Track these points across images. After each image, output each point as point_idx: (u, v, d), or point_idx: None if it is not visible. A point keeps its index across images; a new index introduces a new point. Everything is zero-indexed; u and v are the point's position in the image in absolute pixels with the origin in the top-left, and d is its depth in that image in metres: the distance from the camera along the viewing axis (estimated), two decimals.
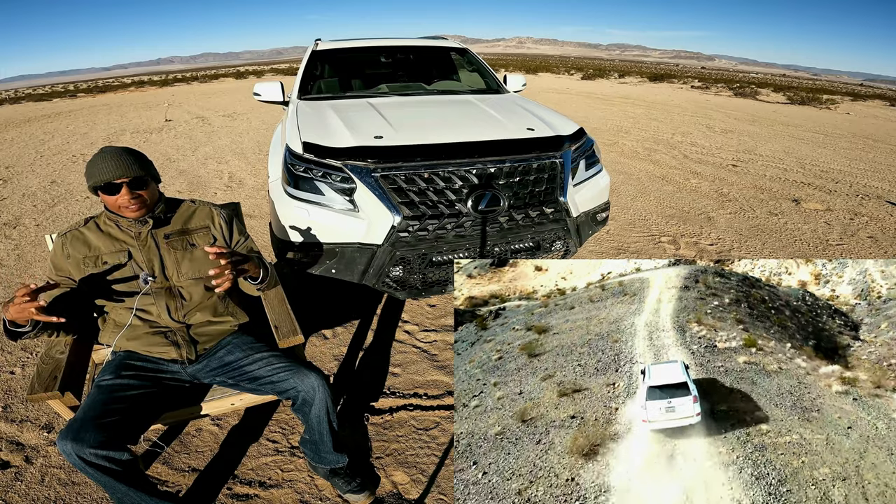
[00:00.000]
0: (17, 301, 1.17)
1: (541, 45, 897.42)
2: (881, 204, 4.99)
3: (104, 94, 24.74)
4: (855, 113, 15.09)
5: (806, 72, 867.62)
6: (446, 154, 2.11)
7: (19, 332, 1.29)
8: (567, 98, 15.79)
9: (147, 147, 7.84)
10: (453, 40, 4.28)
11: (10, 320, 1.25)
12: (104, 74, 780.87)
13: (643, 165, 6.37)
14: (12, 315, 1.20)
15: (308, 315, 2.66)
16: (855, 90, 34.39)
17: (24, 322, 1.25)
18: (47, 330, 1.36)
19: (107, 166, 1.38)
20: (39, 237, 4.05)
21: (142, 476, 1.35)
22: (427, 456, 1.80)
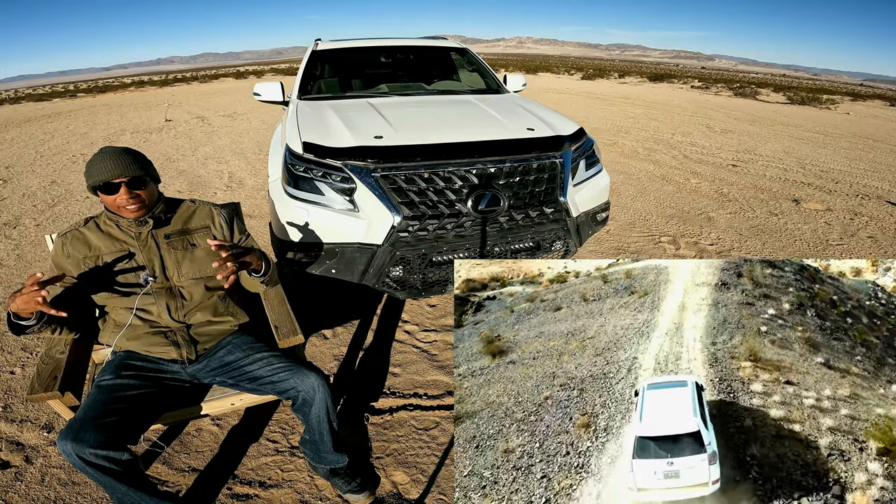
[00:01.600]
0: (26, 291, 1.18)
1: (541, 45, 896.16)
2: (881, 204, 4.99)
3: (104, 94, 24.74)
4: (855, 113, 15.09)
5: (806, 72, 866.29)
6: (446, 154, 2.11)
7: (23, 325, 1.29)
8: (567, 98, 15.79)
9: (147, 147, 7.84)
10: (453, 40, 4.28)
11: (14, 312, 1.25)
12: (104, 74, 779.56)
13: (643, 165, 6.37)
14: (18, 306, 1.20)
15: (308, 315, 2.66)
16: (855, 90, 34.39)
17: (28, 315, 1.26)
18: (51, 325, 1.36)
19: (106, 166, 1.38)
20: (39, 237, 4.04)
21: (142, 476, 1.35)
22: (427, 456, 1.80)
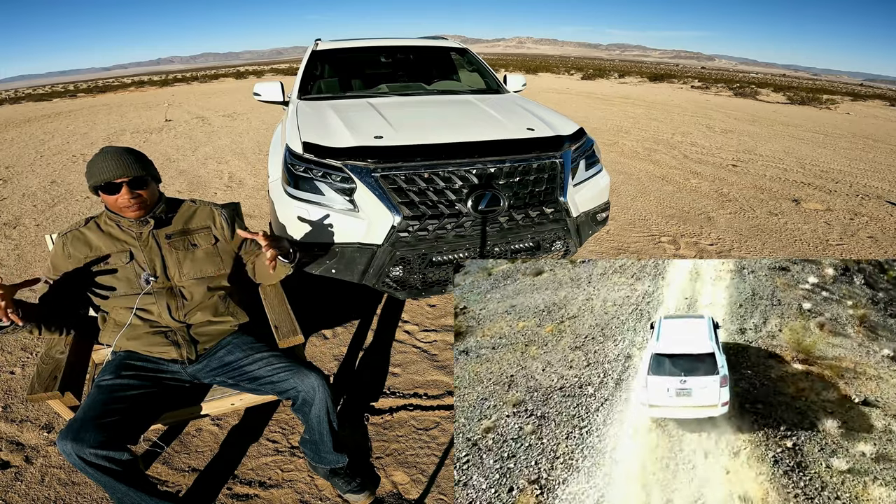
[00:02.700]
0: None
1: (541, 45, 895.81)
2: (881, 204, 4.99)
3: (104, 94, 24.74)
4: (855, 113, 15.09)
5: (806, 72, 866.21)
6: (446, 154, 2.11)
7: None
8: (567, 98, 15.79)
9: (147, 147, 7.84)
10: (453, 40, 4.28)
11: None
12: (104, 74, 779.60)
13: (643, 165, 6.37)
14: None
15: (308, 315, 2.66)
16: (855, 90, 34.39)
17: None
18: (26, 326, 1.33)
19: (107, 166, 1.38)
20: (39, 237, 4.05)
21: (142, 476, 1.35)
22: (427, 456, 1.80)
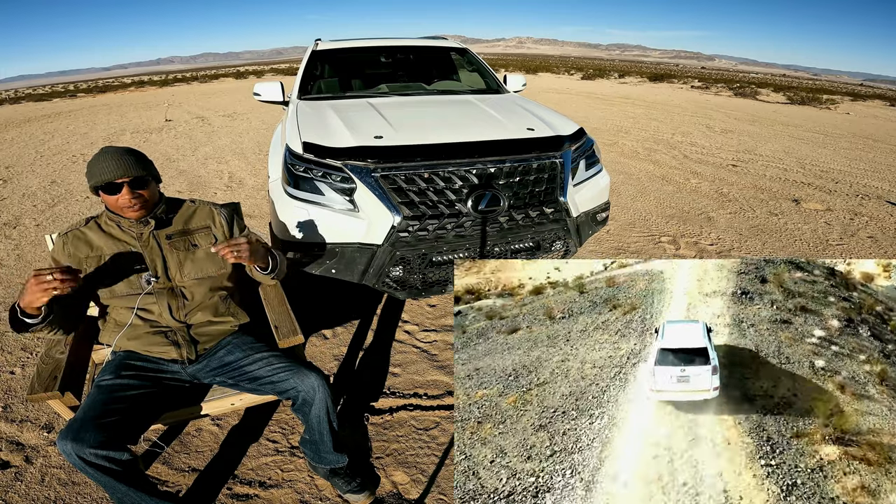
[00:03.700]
0: (38, 280, 1.18)
1: (541, 45, 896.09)
2: (881, 204, 4.99)
3: (104, 94, 24.74)
4: (855, 113, 15.09)
5: (806, 72, 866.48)
6: (446, 154, 2.11)
7: (28, 322, 1.29)
8: (567, 98, 15.79)
9: (147, 147, 7.84)
10: (453, 40, 4.28)
11: (22, 308, 1.25)
12: (104, 74, 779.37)
13: (643, 165, 6.37)
14: (29, 297, 1.20)
15: (308, 315, 2.66)
16: (855, 90, 34.39)
17: (35, 311, 1.26)
18: (51, 325, 1.36)
19: (107, 166, 1.38)
20: (39, 237, 4.04)
21: (142, 476, 1.35)
22: (427, 456, 1.80)
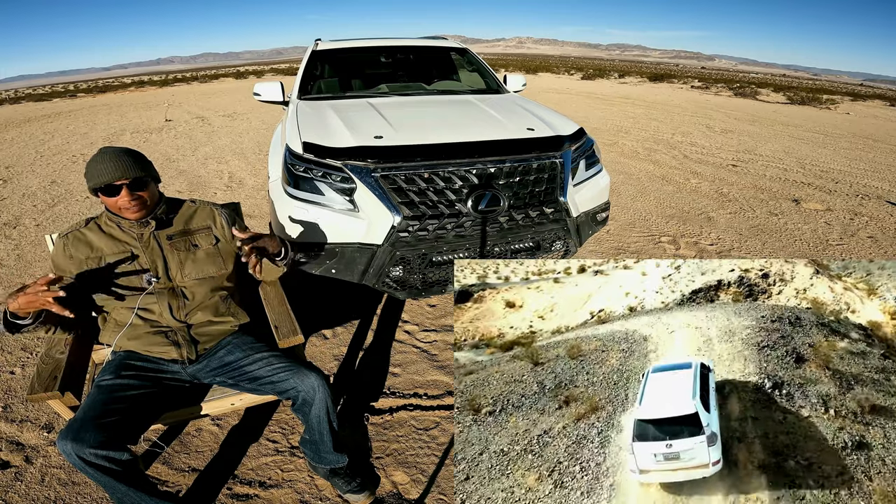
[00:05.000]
0: (32, 290, 1.19)
1: (541, 45, 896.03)
2: (881, 204, 4.99)
3: (104, 94, 24.74)
4: (855, 113, 15.09)
5: (806, 72, 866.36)
6: (446, 154, 2.11)
7: (20, 324, 1.29)
8: (567, 98, 15.79)
9: (147, 147, 7.84)
10: (453, 40, 4.28)
11: (12, 311, 1.25)
12: (104, 74, 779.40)
13: (643, 165, 6.37)
14: (20, 304, 1.21)
15: (308, 315, 2.66)
16: (855, 90, 34.39)
17: (25, 314, 1.26)
18: (45, 325, 1.36)
19: (106, 167, 1.38)
20: (39, 237, 4.04)
21: (142, 476, 1.35)
22: (427, 456, 1.80)
